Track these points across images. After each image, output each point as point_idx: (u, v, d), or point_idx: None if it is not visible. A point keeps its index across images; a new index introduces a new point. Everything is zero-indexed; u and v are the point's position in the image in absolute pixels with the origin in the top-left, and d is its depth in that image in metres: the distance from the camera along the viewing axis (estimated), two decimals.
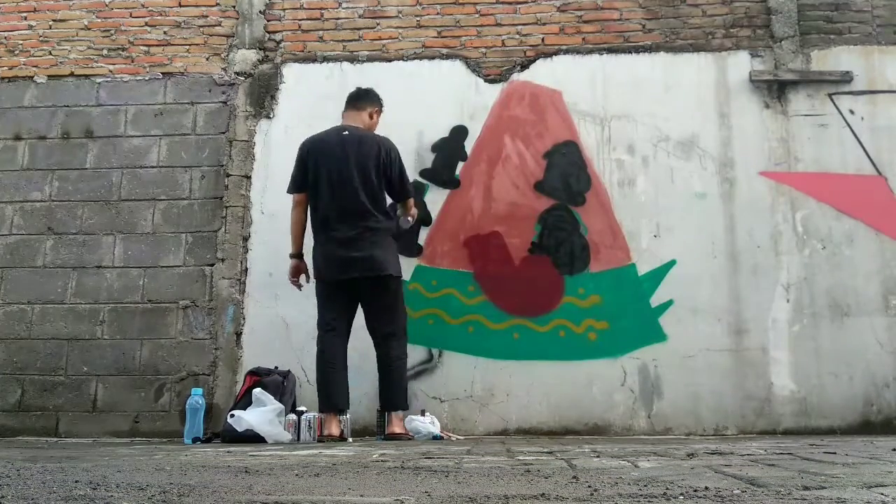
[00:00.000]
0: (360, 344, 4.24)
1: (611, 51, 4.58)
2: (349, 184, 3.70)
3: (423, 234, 4.39)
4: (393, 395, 3.70)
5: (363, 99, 3.97)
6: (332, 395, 3.68)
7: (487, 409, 4.14)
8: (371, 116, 3.96)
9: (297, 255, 3.89)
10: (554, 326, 4.19)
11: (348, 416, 3.81)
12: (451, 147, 4.49)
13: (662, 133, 4.44)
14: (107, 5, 4.86)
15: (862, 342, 4.10)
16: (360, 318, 4.27)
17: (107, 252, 4.47)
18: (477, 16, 4.68)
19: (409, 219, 3.94)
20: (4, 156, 4.65)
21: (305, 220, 3.86)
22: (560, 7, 4.66)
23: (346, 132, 3.82)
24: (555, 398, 4.10)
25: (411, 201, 3.93)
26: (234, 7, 4.79)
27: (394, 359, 3.73)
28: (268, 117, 4.61)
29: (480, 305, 4.26)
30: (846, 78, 4.43)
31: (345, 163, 3.72)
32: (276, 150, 4.56)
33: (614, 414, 4.07)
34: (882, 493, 1.30)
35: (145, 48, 4.78)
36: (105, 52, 4.79)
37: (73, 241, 4.50)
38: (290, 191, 3.88)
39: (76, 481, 1.64)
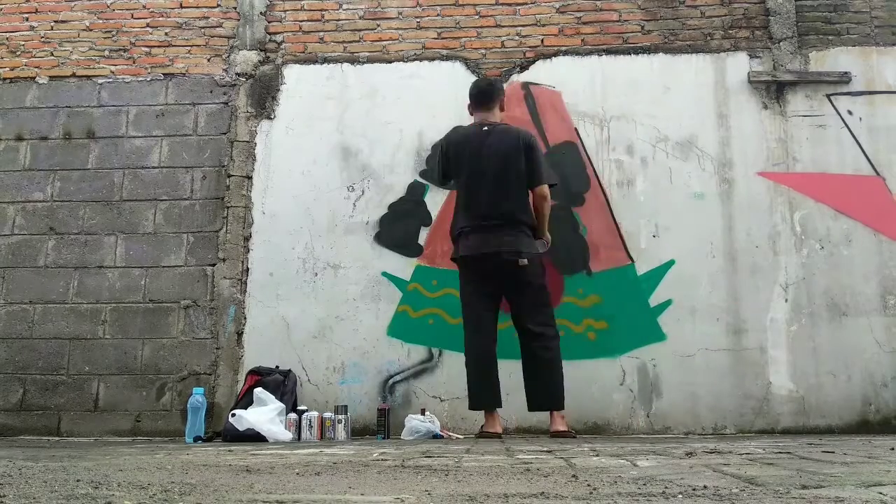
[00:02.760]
0: (362, 343, 4.27)
1: (610, 52, 4.60)
2: (493, 178, 3.69)
3: (423, 234, 4.40)
4: (553, 393, 3.60)
5: (488, 97, 3.92)
6: (491, 395, 3.62)
7: None
8: (501, 108, 3.95)
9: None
10: None
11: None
12: None
13: (661, 133, 4.45)
14: (108, 6, 4.87)
15: (860, 342, 4.12)
16: (360, 318, 4.30)
17: (108, 252, 4.49)
18: (477, 17, 4.69)
19: (546, 242, 3.86)
20: (6, 156, 4.67)
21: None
22: (559, 8, 4.68)
23: (486, 127, 3.82)
24: None
25: (544, 188, 3.77)
26: (235, 8, 4.80)
27: (546, 355, 3.63)
28: (269, 118, 4.63)
29: None
30: (844, 79, 4.44)
31: (489, 157, 3.71)
32: (277, 150, 4.58)
33: (613, 413, 4.08)
34: (880, 492, 1.31)
35: (147, 49, 4.79)
36: (106, 53, 4.80)
37: (74, 241, 4.52)
38: (438, 183, 4.13)
39: (78, 480, 1.65)
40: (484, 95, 3.91)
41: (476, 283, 3.71)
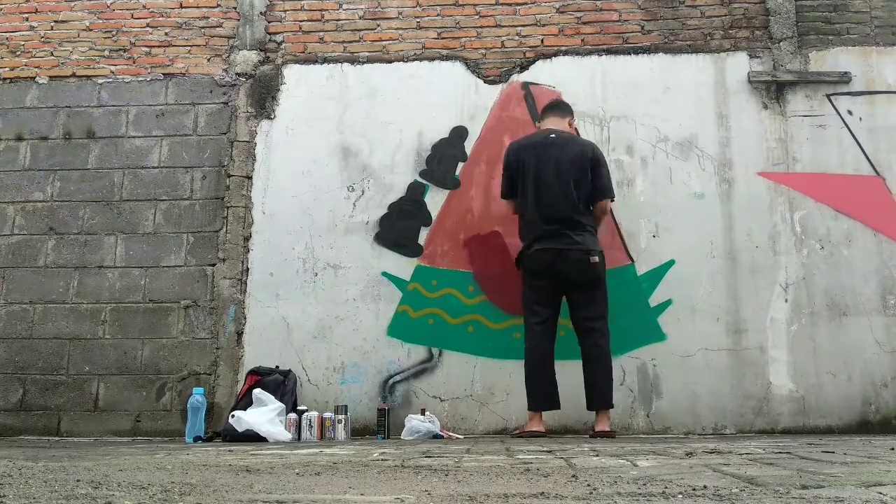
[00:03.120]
0: (362, 343, 4.27)
1: (610, 52, 4.60)
2: (557, 184, 3.80)
3: (423, 234, 4.40)
4: (603, 390, 3.71)
5: (563, 108, 4.10)
6: (543, 395, 3.74)
7: (487, 408, 4.15)
8: (570, 124, 4.08)
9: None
10: None
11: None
12: (451, 147, 4.50)
13: (661, 134, 4.45)
14: (108, 6, 4.87)
15: (860, 342, 4.12)
16: (360, 318, 4.30)
17: (108, 252, 4.49)
18: (477, 17, 4.69)
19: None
20: (6, 156, 4.67)
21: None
22: (559, 8, 4.68)
23: (553, 135, 3.92)
24: None
25: (607, 203, 3.96)
26: (235, 8, 4.80)
27: (595, 353, 3.73)
28: (269, 118, 4.63)
29: (480, 305, 4.28)
30: (844, 79, 4.44)
31: (553, 164, 3.82)
32: (277, 150, 4.58)
33: (613, 413, 4.07)
34: (880, 492, 1.31)
35: (147, 49, 4.79)
36: (106, 53, 4.80)
37: (74, 241, 4.52)
38: (502, 196, 4.05)
39: (78, 480, 1.65)
40: (560, 105, 4.11)
41: (541, 289, 3.80)
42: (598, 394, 3.71)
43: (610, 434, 3.63)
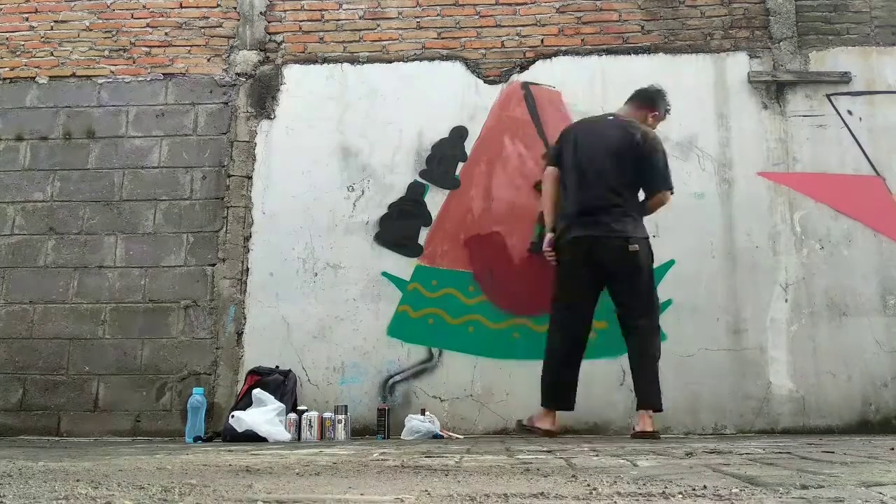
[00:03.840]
0: (362, 343, 4.27)
1: (610, 52, 4.60)
2: (592, 170, 3.64)
3: (423, 234, 4.40)
4: (645, 390, 3.50)
5: (643, 98, 3.91)
6: (562, 391, 3.59)
7: (487, 408, 4.15)
8: (651, 118, 3.89)
9: (552, 229, 3.78)
10: None
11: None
12: (451, 147, 4.50)
13: (661, 133, 4.41)
14: (108, 6, 4.87)
15: (860, 342, 4.12)
16: (360, 318, 4.30)
17: (108, 252, 4.49)
18: (477, 17, 4.69)
19: None
20: (6, 156, 4.67)
21: (557, 196, 3.79)
22: (559, 8, 4.68)
23: (611, 117, 3.81)
24: None
25: (663, 196, 3.74)
26: (235, 8, 4.80)
27: (639, 350, 3.56)
28: (269, 118, 4.63)
29: (480, 305, 4.28)
30: (844, 79, 4.44)
31: (589, 149, 3.69)
32: (277, 150, 4.58)
33: (613, 413, 4.08)
34: (880, 492, 1.31)
35: (146, 49, 4.79)
36: (106, 53, 4.80)
37: (74, 241, 4.52)
38: (549, 163, 3.89)
39: (77, 480, 1.65)
40: (639, 94, 3.93)
41: (576, 277, 3.61)
42: (641, 393, 3.52)
43: (652, 435, 3.37)
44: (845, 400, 4.05)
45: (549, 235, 3.79)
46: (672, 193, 3.80)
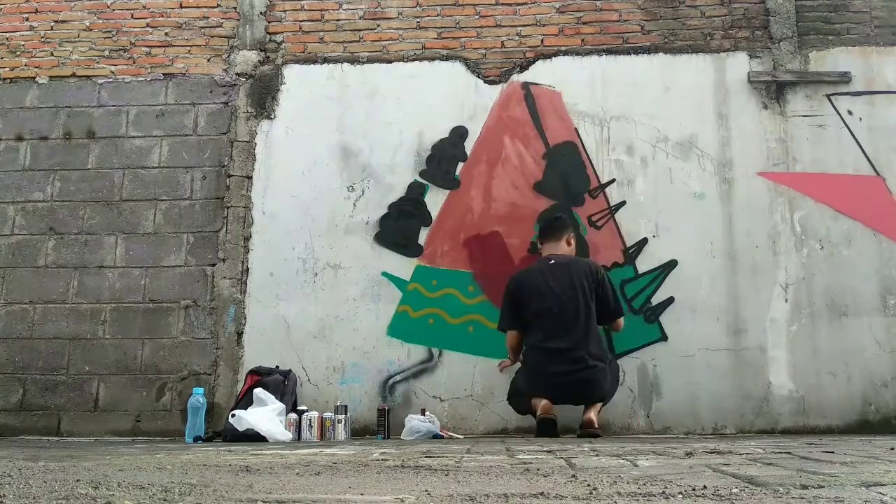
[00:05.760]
0: (362, 343, 4.27)
1: (610, 52, 4.60)
2: (565, 310, 3.74)
3: (423, 234, 4.40)
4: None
5: (558, 229, 4.03)
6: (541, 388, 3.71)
7: (487, 408, 4.15)
8: (568, 243, 4.02)
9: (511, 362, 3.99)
10: None
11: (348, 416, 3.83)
12: (451, 147, 4.51)
13: (661, 134, 4.45)
14: (108, 6, 4.87)
15: (860, 342, 4.12)
16: (360, 318, 4.30)
17: (108, 252, 4.49)
18: (477, 17, 4.69)
19: None
20: (6, 156, 4.67)
21: (521, 348, 3.93)
22: (559, 9, 4.68)
23: (552, 261, 3.88)
24: None
25: (621, 321, 3.95)
26: (235, 8, 4.80)
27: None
28: (269, 118, 4.63)
29: (480, 305, 4.28)
30: (844, 79, 4.44)
31: (557, 290, 3.77)
32: (278, 150, 4.58)
33: (613, 413, 4.08)
34: (880, 492, 1.31)
35: (147, 49, 4.79)
36: (107, 53, 4.80)
37: (74, 241, 4.52)
38: (501, 327, 3.98)
39: (78, 480, 1.65)
40: (551, 229, 4.03)
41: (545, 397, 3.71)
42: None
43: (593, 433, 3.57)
44: (845, 400, 4.05)
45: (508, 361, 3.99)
46: (623, 316, 3.97)
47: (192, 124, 4.65)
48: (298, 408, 3.96)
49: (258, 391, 3.88)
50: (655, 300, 4.23)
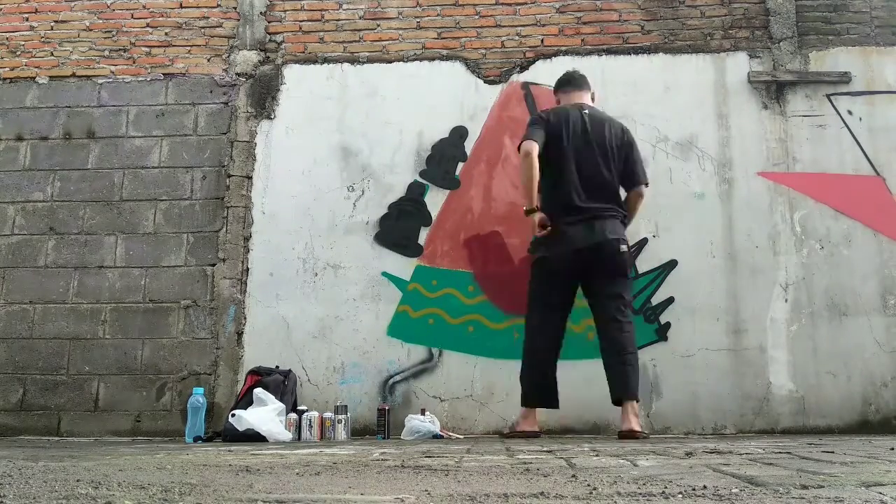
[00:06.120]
0: (362, 343, 4.27)
1: (610, 52, 4.60)
2: (594, 162, 3.57)
3: (423, 234, 4.41)
4: (634, 381, 3.44)
5: (584, 80, 3.85)
6: (545, 390, 3.57)
7: (487, 408, 4.16)
8: (592, 98, 3.86)
9: (535, 209, 3.58)
10: None
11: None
12: (451, 147, 4.51)
13: (661, 133, 4.45)
14: (108, 6, 4.87)
15: (860, 342, 4.12)
16: (360, 318, 4.30)
17: (108, 252, 4.49)
18: (477, 17, 4.69)
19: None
20: (6, 156, 4.67)
21: (538, 175, 3.57)
22: (559, 8, 4.68)
23: (587, 110, 3.70)
24: None
25: (643, 188, 3.72)
26: (235, 8, 4.80)
27: (620, 339, 3.47)
28: (269, 118, 4.63)
29: (480, 305, 4.28)
30: (844, 79, 4.44)
31: (589, 142, 3.59)
32: (278, 150, 4.58)
33: (613, 413, 4.06)
34: (880, 492, 1.30)
35: (147, 49, 4.79)
36: (106, 53, 4.80)
37: (74, 241, 4.52)
38: (528, 137, 3.59)
39: (78, 480, 1.65)
40: (575, 80, 3.84)
41: (559, 275, 3.56)
42: (627, 385, 3.42)
43: (639, 435, 3.34)
44: (845, 400, 4.05)
45: (539, 215, 3.58)
46: (647, 186, 3.78)
47: (192, 124, 4.65)
48: (298, 408, 3.96)
49: (258, 391, 3.88)
50: (655, 300, 4.24)
